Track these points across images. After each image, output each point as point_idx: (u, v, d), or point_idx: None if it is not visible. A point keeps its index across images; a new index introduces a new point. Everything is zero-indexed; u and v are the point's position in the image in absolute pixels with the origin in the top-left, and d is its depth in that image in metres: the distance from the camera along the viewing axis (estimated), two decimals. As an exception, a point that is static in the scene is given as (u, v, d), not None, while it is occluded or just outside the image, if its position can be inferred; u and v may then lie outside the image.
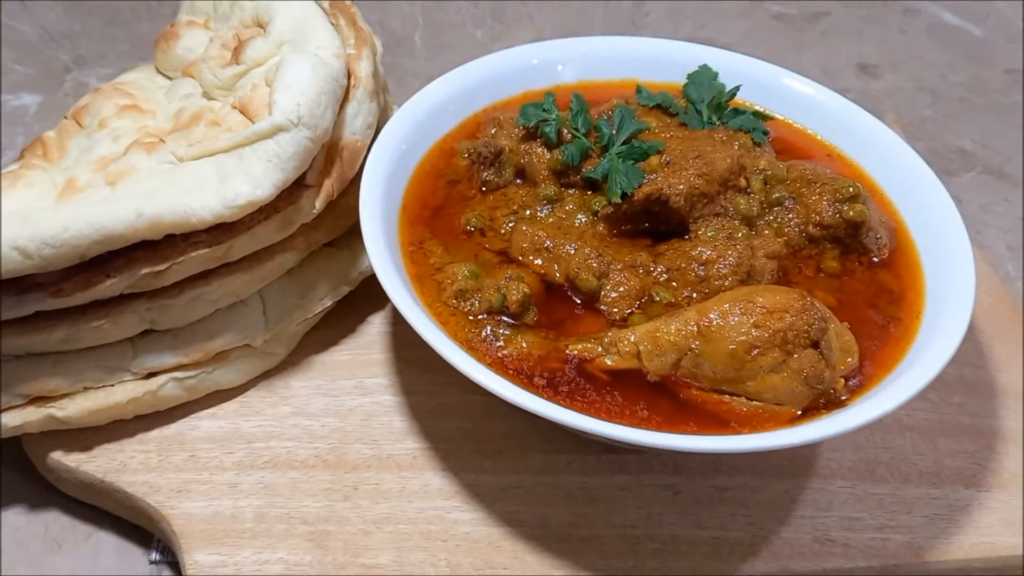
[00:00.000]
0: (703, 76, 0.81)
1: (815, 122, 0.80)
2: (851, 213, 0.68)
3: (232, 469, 0.65)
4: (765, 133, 0.77)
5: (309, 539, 0.62)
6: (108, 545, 0.67)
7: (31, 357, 0.64)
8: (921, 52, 1.19)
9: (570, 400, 0.59)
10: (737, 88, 0.80)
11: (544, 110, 0.73)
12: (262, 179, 0.62)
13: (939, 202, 0.71)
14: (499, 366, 0.61)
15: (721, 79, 0.81)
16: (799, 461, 0.69)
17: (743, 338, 0.58)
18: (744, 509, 0.66)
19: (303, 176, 0.66)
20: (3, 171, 0.65)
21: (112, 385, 0.65)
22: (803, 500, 0.67)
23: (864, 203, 0.69)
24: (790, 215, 0.70)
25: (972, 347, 0.78)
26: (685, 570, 0.62)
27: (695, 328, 0.59)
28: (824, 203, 0.69)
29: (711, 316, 0.59)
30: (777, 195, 0.71)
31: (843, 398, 0.60)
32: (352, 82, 0.70)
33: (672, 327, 0.60)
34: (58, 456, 0.65)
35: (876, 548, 0.64)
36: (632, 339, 0.61)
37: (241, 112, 0.66)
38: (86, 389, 0.65)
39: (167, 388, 0.66)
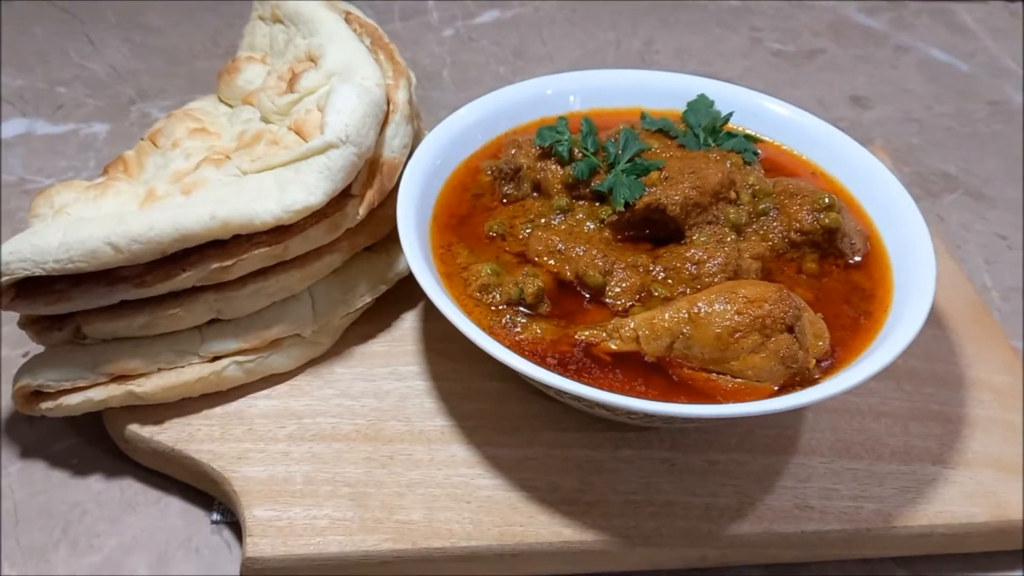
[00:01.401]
0: (701, 104, 0.91)
1: (800, 144, 0.90)
2: (827, 221, 0.77)
3: (284, 440, 0.75)
4: (755, 153, 0.87)
5: (351, 499, 0.71)
6: (175, 508, 0.76)
7: (116, 341, 0.75)
8: (910, 86, 1.29)
9: (578, 376, 0.68)
10: (730, 114, 0.90)
11: (558, 132, 0.83)
12: (315, 188, 0.72)
13: (908, 213, 0.80)
14: (516, 348, 0.70)
15: (717, 107, 0.91)
16: (783, 440, 0.77)
17: (727, 323, 0.67)
18: (733, 480, 0.74)
19: (349, 187, 0.76)
20: (92, 183, 0.76)
21: (183, 367, 0.75)
22: (786, 473, 0.75)
23: (839, 212, 0.78)
24: (775, 223, 0.79)
25: (945, 346, 0.86)
26: (679, 530, 0.71)
27: (686, 315, 0.68)
28: (804, 212, 0.79)
29: (700, 305, 0.68)
30: (763, 206, 0.80)
31: (816, 376, 0.69)
32: (391, 108, 0.80)
33: (666, 315, 0.69)
34: (135, 428, 0.75)
35: (849, 514, 0.72)
36: (632, 325, 0.70)
37: (296, 133, 0.77)
38: (160, 370, 0.75)
39: (229, 370, 0.76)
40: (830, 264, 0.79)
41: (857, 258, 0.79)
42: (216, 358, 0.76)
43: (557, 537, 0.70)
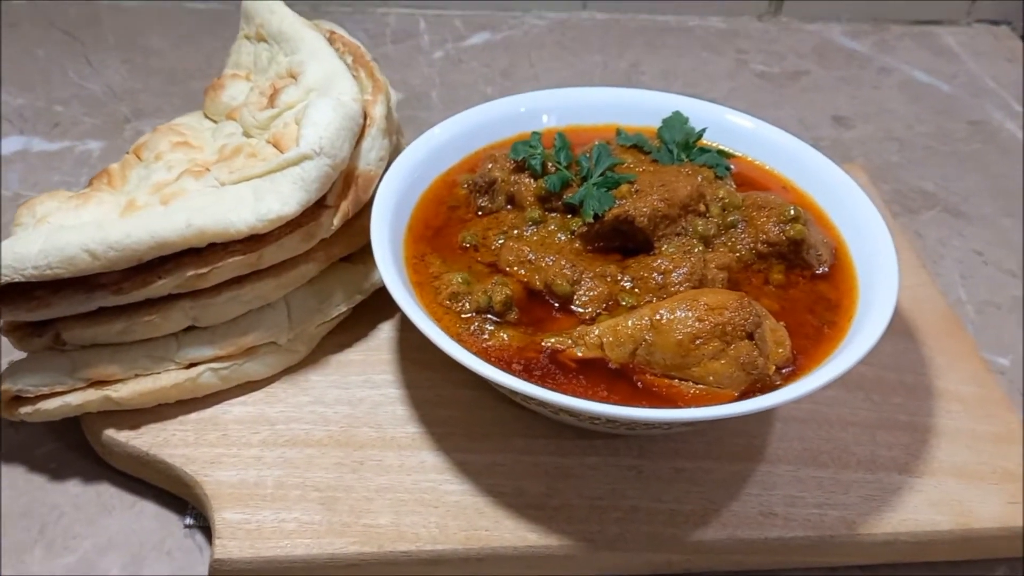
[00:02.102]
0: (675, 121, 0.93)
1: (772, 159, 0.92)
2: (791, 232, 0.79)
3: (257, 446, 0.76)
4: (727, 168, 0.89)
5: (321, 503, 0.72)
6: (149, 511, 0.77)
7: (94, 347, 0.76)
8: (892, 106, 1.30)
9: (542, 382, 0.70)
10: (703, 130, 0.92)
11: (531, 146, 0.85)
12: (289, 198, 0.74)
13: (874, 225, 0.81)
14: (483, 354, 0.71)
15: (692, 124, 0.93)
16: (750, 449, 0.78)
17: (688, 329, 0.69)
18: (699, 487, 0.75)
19: (324, 198, 0.78)
20: (75, 193, 0.78)
21: (159, 373, 0.77)
22: (752, 480, 0.76)
23: (805, 224, 0.80)
24: (743, 235, 0.81)
25: (916, 357, 0.87)
26: (644, 535, 0.72)
27: (648, 322, 0.70)
28: (770, 224, 0.80)
29: (662, 312, 0.70)
30: (732, 218, 0.82)
31: (777, 383, 0.70)
32: (368, 122, 0.83)
33: (629, 322, 0.71)
34: (111, 433, 0.77)
35: (813, 521, 0.73)
36: (596, 332, 0.72)
37: (274, 146, 0.79)
38: (137, 376, 0.77)
39: (205, 376, 0.78)
40: (796, 275, 0.80)
41: (824, 269, 0.81)
42: (192, 365, 0.78)
43: (522, 541, 0.71)
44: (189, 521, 0.77)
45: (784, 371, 0.71)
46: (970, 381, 0.85)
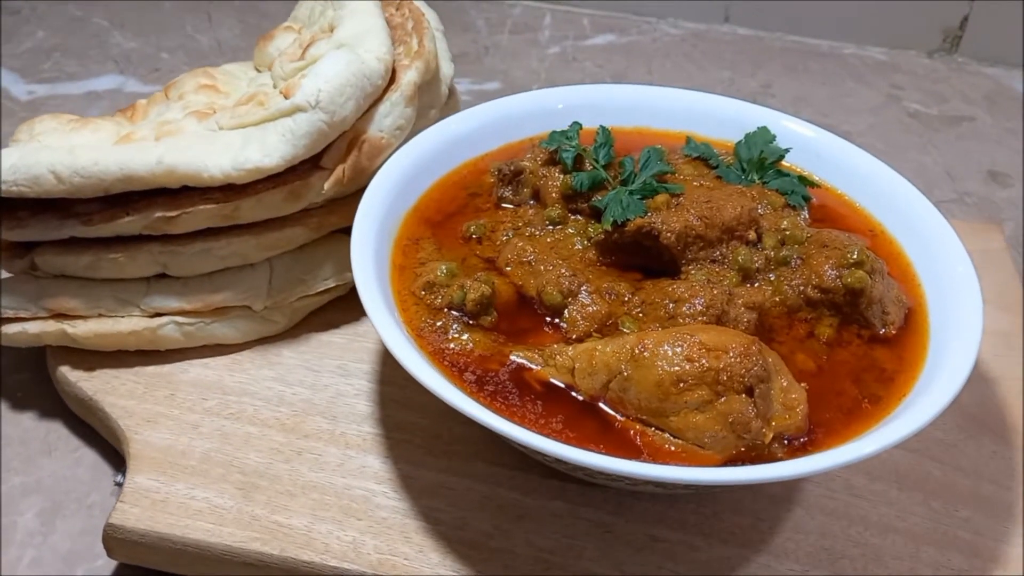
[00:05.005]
0: (759, 137, 0.79)
1: (867, 197, 0.76)
2: (850, 279, 0.64)
3: (200, 412, 0.70)
4: (806, 199, 0.74)
5: (239, 488, 0.65)
6: (88, 460, 0.73)
7: (63, 278, 0.73)
8: (1065, 169, 1.09)
9: (490, 399, 0.59)
10: (787, 151, 0.78)
11: (567, 137, 0.74)
12: (272, 150, 0.67)
13: (966, 293, 0.65)
14: (438, 355, 0.62)
15: (780, 144, 0.79)
16: (753, 533, 0.64)
17: (673, 368, 0.56)
18: (673, 564, 0.62)
19: (319, 158, 0.71)
20: (77, 118, 0.75)
21: (122, 317, 0.72)
22: (742, 572, 0.61)
23: (871, 273, 0.64)
24: (794, 275, 0.67)
25: (1004, 466, 0.69)
26: (587, 608, 0.59)
27: (629, 352, 0.57)
28: (827, 266, 0.65)
29: (647, 342, 0.57)
30: (785, 253, 0.67)
31: (777, 455, 0.56)
32: (393, 86, 0.75)
33: (608, 348, 0.59)
34: (65, 370, 0.73)
35: (806, 640, 0.58)
36: (570, 353, 0.60)
37: (284, 96, 0.73)
38: (100, 316, 0.72)
39: (166, 329, 0.72)
40: (851, 333, 0.65)
41: (888, 331, 0.65)
42: (158, 315, 0.73)
43: (439, 580, 0.60)
44: (120, 479, 0.71)
45: (791, 442, 0.57)
46: (1069, 509, 0.66)
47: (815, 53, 1.30)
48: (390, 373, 0.74)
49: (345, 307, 0.78)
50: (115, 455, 0.73)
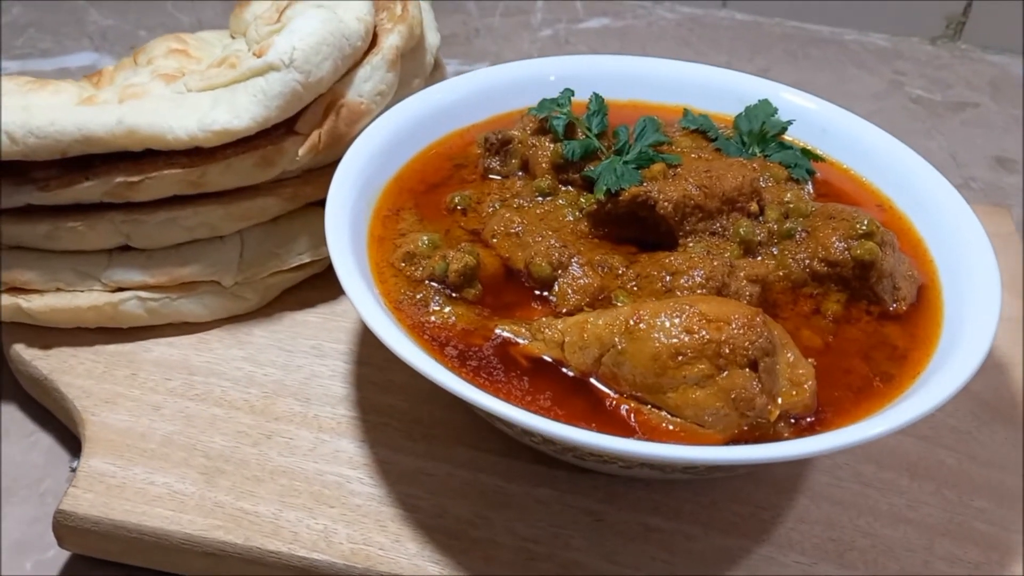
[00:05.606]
0: (759, 110, 0.75)
1: (873, 171, 0.72)
2: (859, 251, 0.59)
3: (163, 393, 0.65)
4: (810, 172, 0.70)
5: (202, 472, 0.60)
6: (43, 445, 0.68)
7: (20, 250, 0.68)
8: (1074, 156, 1.05)
9: (473, 375, 0.55)
10: (789, 123, 0.73)
11: (557, 104, 0.70)
12: (242, 112, 0.63)
13: (982, 268, 0.61)
14: (417, 329, 0.57)
15: (781, 116, 0.75)
16: (754, 522, 0.59)
17: (671, 341, 0.51)
18: (668, 555, 0.57)
19: (293, 122, 0.67)
20: (36, 80, 0.71)
21: (81, 291, 0.68)
22: (744, 564, 0.57)
23: (881, 245, 0.60)
24: (799, 248, 0.62)
25: (1019, 453, 0.65)
26: (576, 602, 0.55)
27: (623, 324, 0.53)
28: (835, 238, 0.61)
29: (642, 313, 0.53)
30: (789, 226, 0.63)
31: (783, 435, 0.51)
32: (373, 49, 0.71)
33: (601, 320, 0.54)
34: (19, 349, 0.68)
35: (813, 637, 0.54)
36: (559, 327, 0.56)
37: (257, 57, 0.69)
38: (58, 290, 0.68)
39: (129, 304, 0.68)
40: (860, 309, 0.61)
41: (899, 307, 0.61)
42: (121, 290, 0.68)
43: (416, 571, 0.55)
44: (75, 464, 0.66)
45: (797, 422, 0.52)
46: (1092, 499, 0.62)
47: (815, 39, 1.26)
48: (368, 353, 0.69)
49: (322, 285, 0.74)
50: (73, 440, 0.68)
